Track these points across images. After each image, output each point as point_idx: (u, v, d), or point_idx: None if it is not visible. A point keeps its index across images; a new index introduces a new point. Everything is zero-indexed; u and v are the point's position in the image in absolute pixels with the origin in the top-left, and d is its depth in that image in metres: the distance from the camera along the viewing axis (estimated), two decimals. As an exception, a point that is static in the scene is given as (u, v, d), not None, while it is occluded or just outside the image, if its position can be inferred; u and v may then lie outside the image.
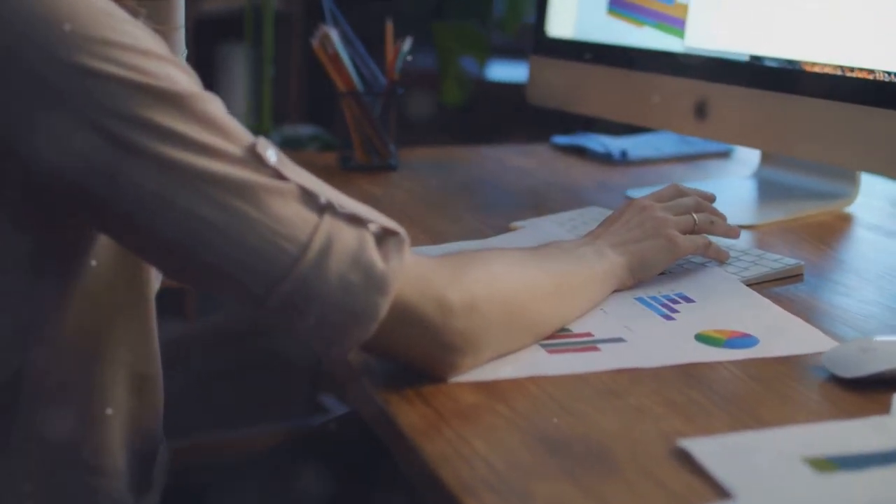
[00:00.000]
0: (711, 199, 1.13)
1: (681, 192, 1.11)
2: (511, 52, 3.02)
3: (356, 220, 0.80)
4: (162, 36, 0.88)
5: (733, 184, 1.48)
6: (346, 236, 0.80)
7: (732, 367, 0.89)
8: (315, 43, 1.51)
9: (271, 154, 0.79)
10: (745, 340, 0.95)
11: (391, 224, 0.82)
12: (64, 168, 0.76)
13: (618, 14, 1.47)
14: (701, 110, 1.35)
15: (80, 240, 0.85)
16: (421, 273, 0.83)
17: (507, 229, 1.27)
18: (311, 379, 2.40)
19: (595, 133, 1.78)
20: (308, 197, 0.79)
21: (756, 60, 1.29)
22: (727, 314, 1.00)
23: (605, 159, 1.64)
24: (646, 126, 1.56)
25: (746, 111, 1.31)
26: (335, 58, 1.51)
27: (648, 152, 1.66)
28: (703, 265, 1.11)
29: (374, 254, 0.80)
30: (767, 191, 1.43)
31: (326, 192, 0.81)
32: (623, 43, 1.46)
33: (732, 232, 1.12)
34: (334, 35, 1.51)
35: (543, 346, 0.92)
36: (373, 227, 0.81)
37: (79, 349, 0.87)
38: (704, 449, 0.74)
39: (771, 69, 1.28)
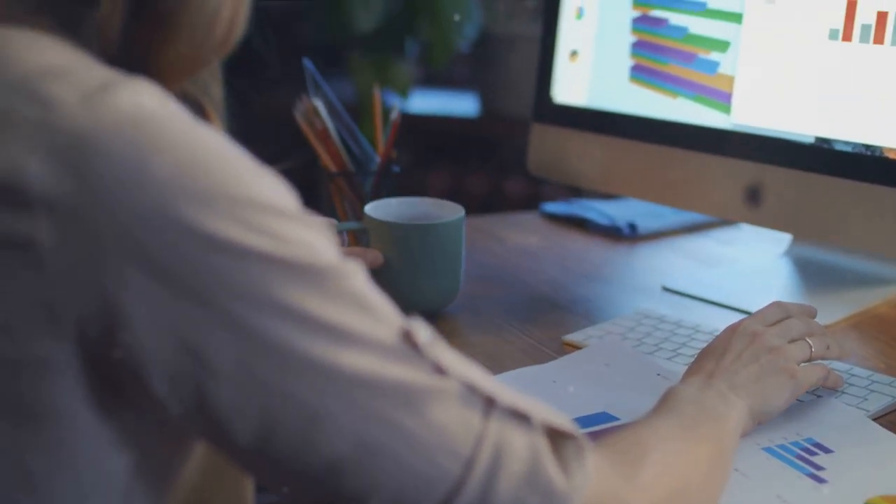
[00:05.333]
0: (813, 313, 1.00)
1: (785, 312, 0.97)
2: (432, 82, 2.86)
3: (523, 420, 0.64)
4: (207, 111, 0.72)
5: (770, 266, 1.35)
6: (517, 445, 0.63)
7: (936, 558, 0.75)
8: (300, 119, 1.32)
9: (426, 339, 0.63)
10: (924, 512, 0.81)
11: (562, 423, 0.66)
12: (175, 366, 0.58)
13: (642, 82, 1.32)
14: (754, 195, 1.22)
15: (181, 449, 0.66)
16: (602, 484, 0.67)
17: (560, 343, 1.11)
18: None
19: (583, 199, 1.63)
20: (470, 394, 0.63)
21: (824, 143, 1.16)
22: (881, 470, 0.86)
23: (612, 233, 1.50)
24: (686, 209, 1.42)
25: (810, 199, 1.18)
26: (324, 135, 1.32)
27: (655, 223, 1.52)
28: (815, 394, 0.98)
29: (551, 468, 0.64)
30: (813, 276, 1.31)
31: (484, 381, 0.65)
32: (651, 115, 1.31)
33: (846, 353, 0.99)
34: (321, 107, 1.32)
35: (705, 537, 0.77)
36: (538, 423, 0.65)
37: None
38: None
39: (843, 154, 1.14)
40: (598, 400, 0.98)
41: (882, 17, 1.11)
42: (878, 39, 1.11)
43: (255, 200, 0.59)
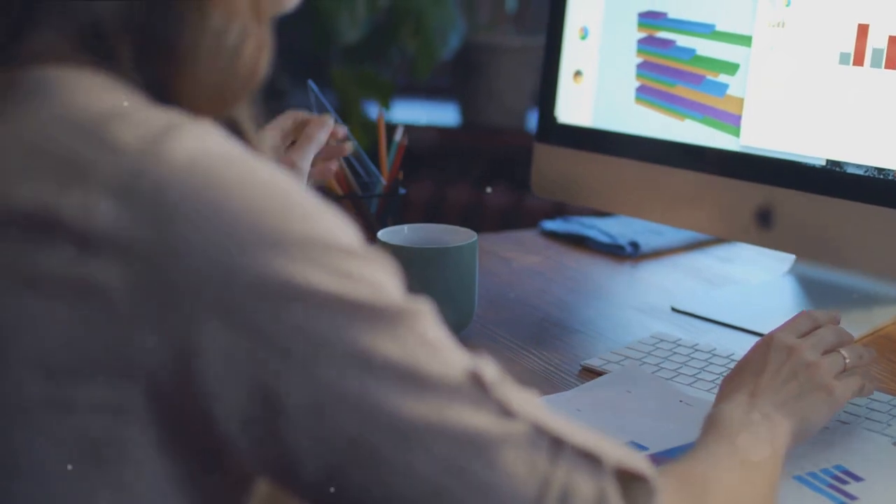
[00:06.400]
0: (839, 320, 0.99)
1: (815, 322, 0.96)
2: (412, 91, 2.85)
3: (593, 462, 0.63)
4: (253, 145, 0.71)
5: (777, 286, 1.36)
6: (585, 490, 0.62)
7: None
8: (307, 141, 1.31)
9: (493, 379, 0.62)
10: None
11: (635, 463, 0.65)
12: (247, 410, 0.58)
13: (649, 103, 1.32)
14: (765, 218, 1.22)
15: (244, 489, 0.66)
16: None
17: (578, 368, 1.11)
18: None
19: (575, 215, 1.64)
20: (537, 436, 0.62)
21: (835, 166, 1.17)
22: (913, 499, 0.87)
23: (613, 251, 1.50)
24: (696, 231, 1.42)
25: (821, 222, 1.19)
26: (331, 157, 1.31)
27: (655, 241, 1.52)
28: (839, 421, 0.99)
29: None
30: (819, 296, 1.32)
31: (551, 421, 0.63)
32: (659, 136, 1.32)
33: (873, 360, 0.98)
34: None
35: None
36: (609, 465, 0.63)
37: None
38: None
39: (855, 177, 1.15)
40: (624, 429, 0.98)
41: (894, 41, 1.11)
42: (891, 64, 1.12)
43: (325, 241, 0.59)
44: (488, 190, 2.43)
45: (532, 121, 2.73)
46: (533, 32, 2.75)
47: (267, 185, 0.59)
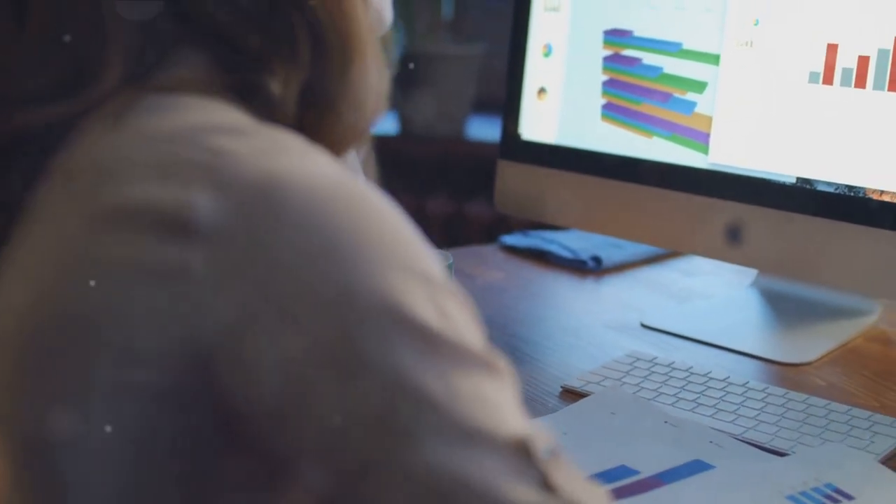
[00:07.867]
0: None
1: None
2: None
3: None
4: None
5: (742, 300, 1.37)
6: None
7: None
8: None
9: (543, 449, 0.59)
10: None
11: None
12: (286, 420, 0.56)
13: (615, 121, 1.33)
14: (734, 234, 1.23)
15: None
16: None
17: (558, 390, 1.11)
18: None
19: (541, 230, 1.63)
20: None
21: (805, 183, 1.18)
22: (906, 518, 0.88)
23: (576, 266, 1.50)
24: (662, 248, 1.43)
25: (792, 239, 1.20)
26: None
27: (617, 255, 1.53)
28: (820, 438, 1.00)
29: None
30: (785, 309, 1.33)
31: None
32: (625, 153, 1.32)
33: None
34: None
35: None
36: None
37: None
38: None
39: (825, 194, 1.17)
40: (613, 453, 0.98)
41: (864, 61, 1.13)
42: (860, 83, 1.13)
43: (425, 273, 0.58)
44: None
45: (471, 129, 2.73)
46: (470, 41, 2.75)
47: (372, 209, 0.59)
